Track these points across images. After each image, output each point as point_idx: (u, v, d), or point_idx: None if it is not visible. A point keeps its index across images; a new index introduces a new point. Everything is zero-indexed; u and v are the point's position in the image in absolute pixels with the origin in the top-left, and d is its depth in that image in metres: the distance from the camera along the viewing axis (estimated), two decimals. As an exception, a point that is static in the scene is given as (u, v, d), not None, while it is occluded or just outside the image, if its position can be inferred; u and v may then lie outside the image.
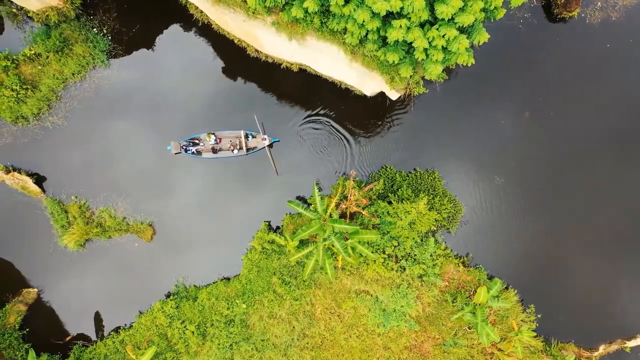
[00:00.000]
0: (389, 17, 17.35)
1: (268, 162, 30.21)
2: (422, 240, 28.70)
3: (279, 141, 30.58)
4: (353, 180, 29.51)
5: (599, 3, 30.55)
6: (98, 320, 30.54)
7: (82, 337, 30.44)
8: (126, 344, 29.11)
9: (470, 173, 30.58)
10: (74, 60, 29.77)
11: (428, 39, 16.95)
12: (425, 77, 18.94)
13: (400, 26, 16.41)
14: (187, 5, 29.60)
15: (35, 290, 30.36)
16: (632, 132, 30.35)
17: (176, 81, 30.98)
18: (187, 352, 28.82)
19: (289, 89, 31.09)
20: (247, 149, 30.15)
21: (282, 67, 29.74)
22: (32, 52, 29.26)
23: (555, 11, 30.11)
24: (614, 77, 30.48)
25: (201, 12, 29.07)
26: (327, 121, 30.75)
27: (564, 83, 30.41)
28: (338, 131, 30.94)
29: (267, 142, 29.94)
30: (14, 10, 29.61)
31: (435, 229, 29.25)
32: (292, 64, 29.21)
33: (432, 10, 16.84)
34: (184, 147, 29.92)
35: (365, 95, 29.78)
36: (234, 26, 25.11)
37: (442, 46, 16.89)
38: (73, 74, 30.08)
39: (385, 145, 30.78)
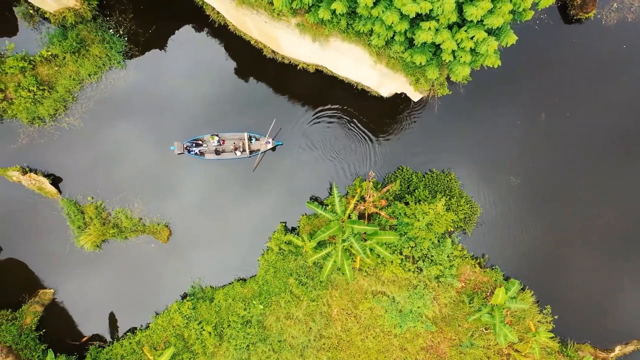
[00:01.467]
0: (416, 19, 17.37)
1: (273, 165, 30.34)
2: (439, 241, 28.70)
3: (282, 144, 30.56)
4: (370, 181, 29.59)
5: (614, 4, 30.56)
6: (114, 321, 30.57)
7: (97, 337, 30.51)
8: (143, 345, 29.14)
9: (486, 174, 30.59)
10: (91, 61, 29.79)
11: (456, 40, 16.97)
12: (451, 79, 18.95)
13: (429, 28, 16.44)
14: (204, 7, 29.59)
15: (52, 290, 30.39)
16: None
17: (190, 82, 30.93)
18: (204, 352, 28.86)
19: (304, 90, 31.06)
20: (250, 151, 30.15)
21: (298, 68, 29.75)
22: (49, 53, 29.27)
23: (571, 12, 30.11)
24: (630, 78, 30.49)
25: (218, 13, 29.07)
26: (340, 120, 30.75)
27: (580, 84, 30.42)
28: (353, 132, 30.95)
29: (270, 145, 29.96)
30: (31, 11, 29.60)
31: (452, 229, 29.25)
32: (308, 65, 29.22)
33: (460, 12, 16.87)
34: (187, 148, 29.91)
35: (381, 97, 29.80)
36: (253, 27, 25.11)
37: (470, 48, 16.92)
38: (89, 75, 30.10)
39: (400, 145, 30.80)
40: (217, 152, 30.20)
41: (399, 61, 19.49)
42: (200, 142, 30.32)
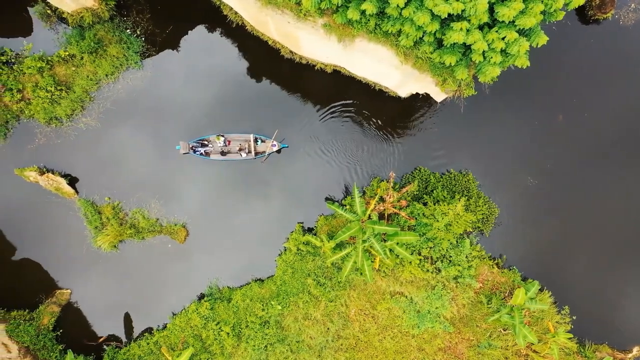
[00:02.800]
0: (446, 20, 17.35)
1: (288, 166, 30.51)
2: (457, 242, 28.67)
3: (287, 147, 30.52)
4: (387, 182, 29.58)
5: (632, 5, 30.51)
6: (130, 321, 30.56)
7: (114, 338, 30.49)
8: (161, 345, 29.12)
9: (503, 174, 30.56)
10: (108, 61, 29.73)
11: (487, 41, 16.94)
12: (479, 80, 18.92)
13: (461, 29, 16.41)
14: (221, 7, 29.53)
15: (69, 291, 30.38)
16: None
17: (203, 82, 30.82)
18: (221, 353, 28.84)
19: (319, 90, 30.99)
20: (256, 153, 30.08)
21: (316, 68, 29.70)
22: (67, 53, 29.21)
23: (589, 13, 30.06)
24: (648, 78, 30.46)
25: (235, 13, 29.02)
26: (356, 120, 30.71)
27: (597, 85, 30.38)
28: (369, 132, 30.92)
29: (276, 148, 29.94)
30: (48, 11, 29.55)
31: (470, 230, 29.22)
32: (326, 66, 29.18)
33: (490, 12, 16.82)
34: (193, 148, 29.86)
35: (399, 97, 29.77)
36: (274, 28, 25.07)
37: (501, 49, 16.89)
38: (106, 75, 30.04)
39: (418, 146, 30.77)
40: (222, 153, 30.12)
41: (426, 62, 19.46)
42: (206, 142, 30.26)
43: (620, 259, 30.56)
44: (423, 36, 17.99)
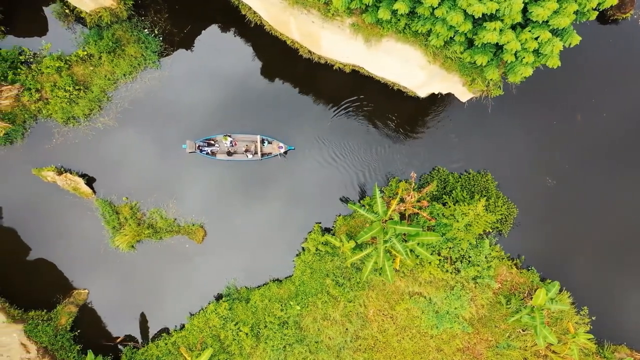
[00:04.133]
0: (478, 19, 17.30)
1: (303, 167, 30.76)
2: (476, 242, 28.61)
3: (294, 149, 30.45)
4: (406, 182, 29.54)
5: (651, 5, 30.47)
6: (148, 321, 30.49)
7: (130, 338, 30.40)
8: (179, 346, 29.05)
9: (521, 174, 30.49)
10: (126, 61, 29.67)
11: (520, 41, 16.89)
12: (508, 80, 18.87)
13: (494, 28, 16.36)
14: (239, 6, 29.47)
15: (86, 291, 30.31)
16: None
17: (218, 82, 30.76)
18: (240, 353, 28.78)
19: (336, 90, 30.94)
20: (262, 154, 30.02)
21: (334, 68, 29.65)
22: (85, 53, 29.16)
23: (608, 12, 30.01)
24: (666, 78, 30.41)
25: (254, 12, 28.97)
26: (372, 119, 30.69)
27: (616, 84, 30.34)
28: (386, 131, 30.89)
29: (283, 150, 29.90)
30: (67, 11, 29.49)
31: (489, 230, 29.18)
32: (345, 65, 29.13)
33: (522, 12, 16.76)
34: (199, 147, 29.78)
35: (417, 97, 29.72)
36: (296, 27, 25.00)
37: (534, 49, 16.85)
38: (124, 75, 29.99)
39: (435, 146, 30.73)
40: (228, 153, 30.04)
41: (455, 61, 19.41)
42: (212, 141, 30.19)
43: (638, 259, 30.49)
44: (454, 36, 17.94)
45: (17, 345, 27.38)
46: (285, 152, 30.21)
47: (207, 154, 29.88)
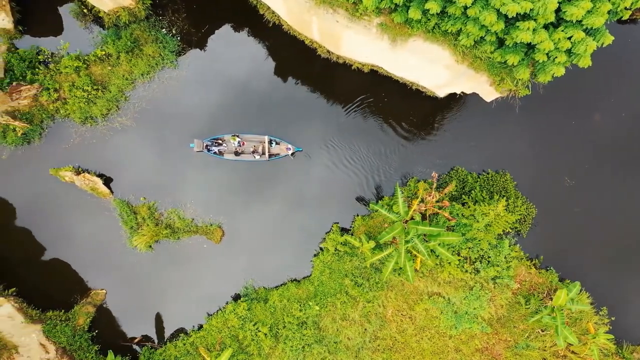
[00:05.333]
0: (510, 19, 17.24)
1: (318, 167, 30.70)
2: (496, 242, 28.54)
3: (301, 150, 30.41)
4: (425, 182, 29.48)
5: (670, 4, 30.33)
6: (165, 322, 30.47)
7: (149, 338, 30.36)
8: (197, 346, 29.00)
9: (540, 174, 30.41)
10: (144, 60, 29.60)
11: (553, 40, 16.83)
12: (538, 79, 18.80)
13: (528, 28, 16.30)
14: (258, 6, 29.39)
15: (104, 291, 30.27)
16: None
17: (233, 82, 30.65)
18: (259, 354, 28.73)
19: (351, 90, 30.84)
20: (270, 155, 29.97)
21: (352, 68, 29.57)
22: (103, 52, 29.08)
23: (628, 12, 29.87)
24: (685, 78, 30.34)
25: (273, 12, 28.90)
26: (389, 119, 30.62)
27: (635, 84, 30.26)
28: (403, 131, 30.82)
29: (291, 151, 29.88)
30: (85, 10, 29.43)
31: (509, 230, 29.13)
32: (364, 65, 29.06)
33: (555, 11, 16.69)
34: (207, 147, 29.71)
35: (435, 97, 29.66)
36: (317, 27, 24.93)
37: (567, 48, 16.79)
38: (142, 75, 29.91)
39: (453, 146, 30.62)
40: (236, 153, 29.98)
41: (485, 61, 19.36)
42: (220, 141, 30.13)
43: (656, 260, 30.45)
44: (484, 36, 17.88)
45: (37, 345, 27.34)
46: (294, 154, 30.13)
47: (215, 153, 29.83)
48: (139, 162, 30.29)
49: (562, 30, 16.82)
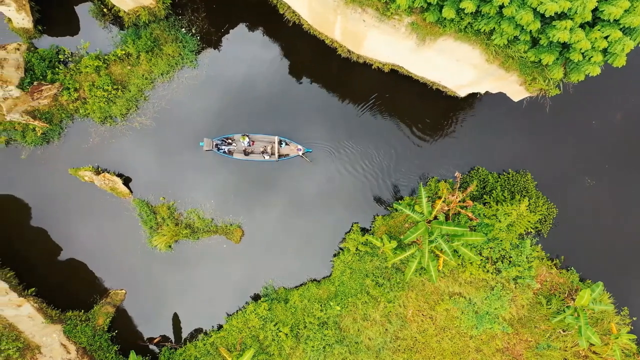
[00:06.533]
0: (546, 18, 17.17)
1: (336, 167, 30.63)
2: (517, 242, 28.46)
3: (311, 151, 30.34)
4: (445, 182, 29.41)
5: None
6: (184, 322, 30.41)
7: (168, 339, 30.30)
8: (217, 346, 28.93)
9: (560, 174, 30.34)
10: (164, 60, 29.53)
11: (589, 40, 16.76)
12: (570, 79, 18.71)
13: (565, 27, 16.22)
14: (278, 5, 29.30)
15: (123, 291, 30.20)
16: None
17: (250, 82, 30.59)
18: (279, 354, 28.65)
19: (368, 89, 30.77)
20: (279, 156, 29.92)
21: (372, 67, 29.50)
22: (124, 52, 28.99)
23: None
24: None
25: (293, 12, 28.80)
26: (408, 119, 30.58)
27: (656, 84, 30.21)
28: (422, 131, 30.75)
29: (301, 152, 29.84)
30: (105, 10, 29.35)
31: (531, 230, 29.05)
32: (384, 65, 28.99)
33: (592, 10, 16.62)
34: (217, 146, 29.65)
35: (456, 97, 29.60)
36: (341, 27, 24.84)
37: (603, 48, 16.73)
38: (162, 74, 29.84)
39: (473, 146, 30.56)
40: (245, 153, 29.94)
41: (516, 60, 19.29)
42: (230, 140, 30.08)
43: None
44: (518, 35, 17.81)
45: (58, 345, 27.29)
46: (303, 154, 30.04)
47: (224, 152, 29.77)
48: (157, 162, 30.22)
49: (599, 30, 16.74)
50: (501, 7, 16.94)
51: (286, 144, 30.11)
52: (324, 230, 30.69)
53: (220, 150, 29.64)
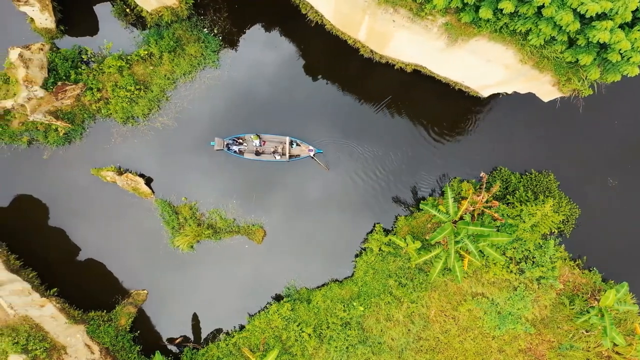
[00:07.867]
0: (585, 18, 17.16)
1: (355, 169, 30.56)
2: (541, 243, 28.45)
3: (322, 152, 30.33)
4: (468, 182, 29.40)
5: None
6: (207, 322, 30.40)
7: (190, 339, 30.28)
8: (240, 346, 28.92)
9: (583, 174, 30.33)
10: (186, 60, 29.51)
11: (629, 40, 16.77)
12: (606, 79, 18.71)
13: (606, 28, 16.23)
14: (300, 5, 29.27)
15: (145, 291, 30.18)
16: None
17: (268, 81, 30.63)
18: (302, 354, 28.64)
19: (388, 89, 30.75)
20: (290, 156, 29.90)
21: (395, 67, 29.47)
22: (146, 52, 28.97)
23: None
24: None
25: (316, 12, 28.77)
26: (428, 118, 30.60)
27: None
28: (444, 131, 30.75)
29: (312, 153, 29.82)
30: (127, 10, 29.33)
31: (554, 231, 29.04)
32: (407, 65, 28.95)
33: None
34: (228, 145, 29.61)
35: (478, 97, 29.59)
36: (367, 27, 24.80)
37: (643, 48, 16.78)
38: (184, 75, 29.83)
39: (495, 146, 30.55)
40: (256, 153, 29.93)
41: (551, 61, 19.28)
42: (240, 140, 30.04)
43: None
44: (555, 35, 17.80)
45: (82, 346, 27.26)
46: (314, 155, 30.02)
47: (235, 152, 29.76)
48: (178, 162, 30.19)
49: (639, 30, 16.74)
50: (540, 7, 16.93)
51: (297, 144, 30.10)
52: (345, 230, 30.68)
53: (231, 150, 29.63)
